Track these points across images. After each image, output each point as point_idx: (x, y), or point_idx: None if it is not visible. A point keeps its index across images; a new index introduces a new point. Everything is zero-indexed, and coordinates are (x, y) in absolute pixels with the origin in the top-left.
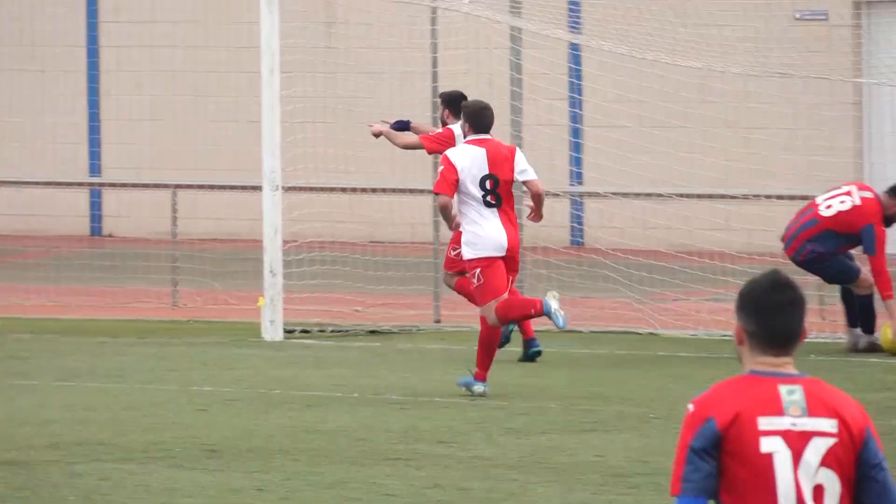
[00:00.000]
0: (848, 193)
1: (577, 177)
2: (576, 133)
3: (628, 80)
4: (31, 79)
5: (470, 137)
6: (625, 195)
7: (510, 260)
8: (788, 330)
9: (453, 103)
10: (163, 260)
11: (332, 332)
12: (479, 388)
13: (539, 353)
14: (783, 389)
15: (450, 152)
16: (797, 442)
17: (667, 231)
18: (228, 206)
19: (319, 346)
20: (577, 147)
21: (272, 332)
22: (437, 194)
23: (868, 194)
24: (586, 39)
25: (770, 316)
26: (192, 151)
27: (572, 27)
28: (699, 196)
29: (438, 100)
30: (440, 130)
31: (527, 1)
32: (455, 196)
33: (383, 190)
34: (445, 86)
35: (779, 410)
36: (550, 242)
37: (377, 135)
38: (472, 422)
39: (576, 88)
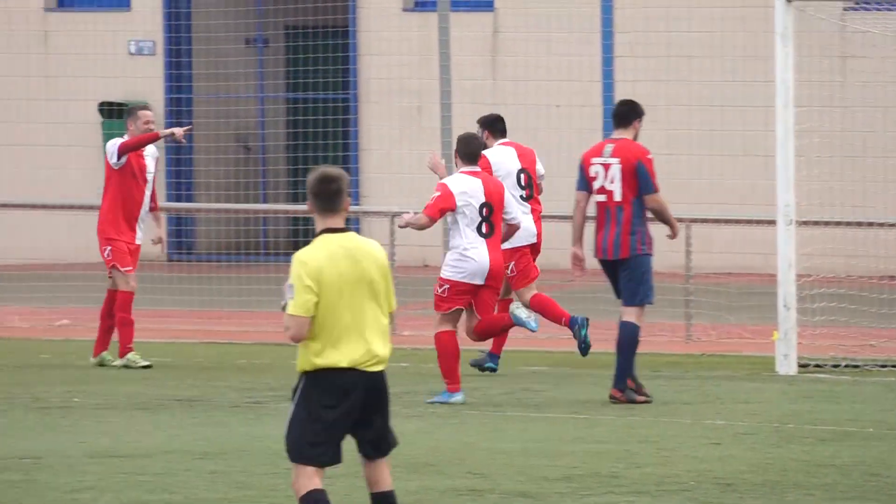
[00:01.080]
0: None
1: None
2: None
3: None
4: (547, 113)
5: (463, 168)
6: None
7: (492, 281)
8: None
9: (491, 125)
10: (677, 293)
11: (846, 366)
12: (458, 397)
13: (494, 369)
14: None
15: (448, 181)
16: None
17: None
18: (742, 241)
19: (833, 380)
20: None
21: (786, 366)
22: (426, 215)
23: None
24: None
25: None
26: (706, 185)
27: None
28: None
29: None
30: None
31: None
32: (450, 222)
33: None
34: None
35: None
36: None
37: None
38: None
39: None
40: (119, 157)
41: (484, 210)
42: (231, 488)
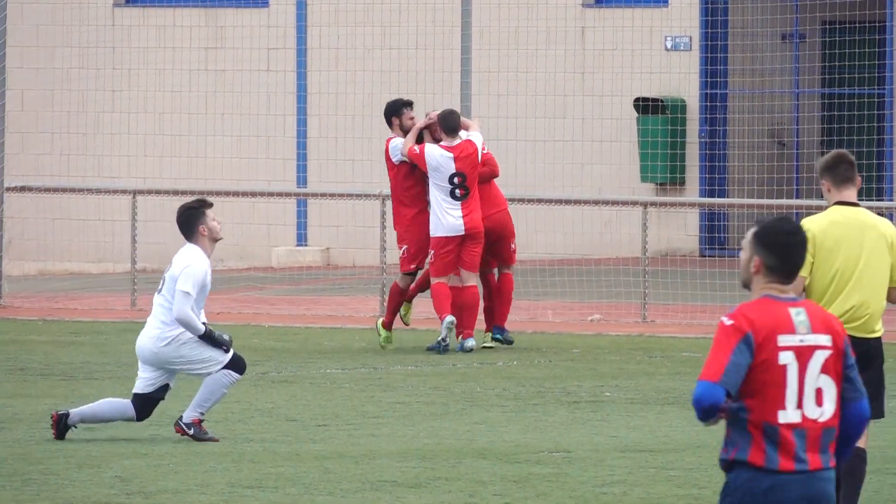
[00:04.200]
0: None
1: None
2: None
3: None
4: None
5: (444, 143)
6: None
7: (472, 235)
8: (798, 264)
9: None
10: None
11: None
12: (449, 318)
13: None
14: (792, 311)
15: (426, 147)
16: (804, 354)
17: None
18: None
19: None
20: None
21: None
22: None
23: None
24: None
25: (788, 252)
26: None
27: None
28: None
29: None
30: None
31: None
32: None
33: None
34: None
35: (791, 329)
36: None
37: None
38: None
39: None
40: None
41: (456, 178)
42: None
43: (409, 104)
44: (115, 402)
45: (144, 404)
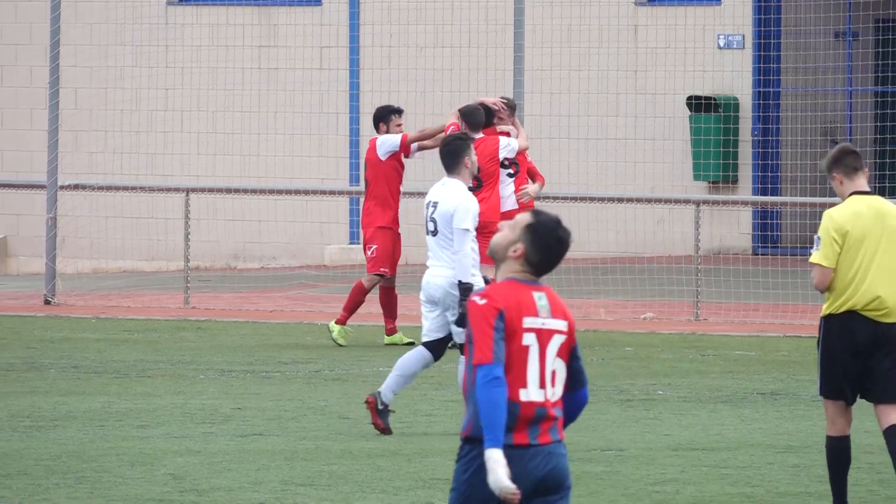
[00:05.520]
0: None
1: None
2: None
3: None
4: None
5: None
6: None
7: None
8: (553, 268)
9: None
10: None
11: None
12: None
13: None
14: (535, 295)
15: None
16: (544, 337)
17: None
18: None
19: None
20: None
21: None
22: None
23: None
24: None
25: (553, 255)
26: None
27: None
28: None
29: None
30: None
31: None
32: None
33: None
34: None
35: (535, 312)
36: None
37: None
38: None
39: None
40: None
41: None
42: (813, 482)
43: (398, 112)
44: (412, 358)
45: (439, 345)
